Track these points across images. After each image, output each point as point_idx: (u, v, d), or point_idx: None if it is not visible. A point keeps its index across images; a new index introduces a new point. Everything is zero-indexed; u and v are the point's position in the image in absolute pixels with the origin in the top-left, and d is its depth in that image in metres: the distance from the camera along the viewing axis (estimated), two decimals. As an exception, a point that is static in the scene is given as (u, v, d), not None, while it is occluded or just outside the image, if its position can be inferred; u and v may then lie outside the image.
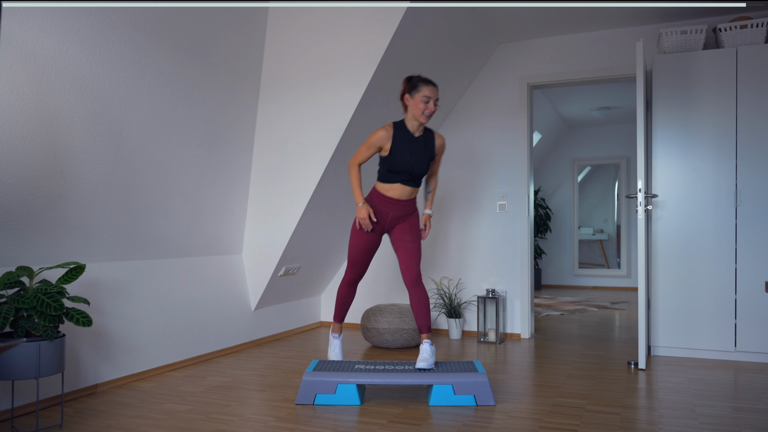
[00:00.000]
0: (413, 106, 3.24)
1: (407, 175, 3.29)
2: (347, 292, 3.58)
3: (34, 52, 2.73)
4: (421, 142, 3.30)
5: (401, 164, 3.25)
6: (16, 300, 2.57)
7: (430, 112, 3.23)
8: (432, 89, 3.23)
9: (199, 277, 4.16)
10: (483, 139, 5.18)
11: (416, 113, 3.23)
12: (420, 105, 3.22)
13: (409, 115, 3.27)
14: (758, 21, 4.11)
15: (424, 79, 3.26)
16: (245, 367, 3.96)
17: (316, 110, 4.16)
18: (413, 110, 3.24)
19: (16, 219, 2.84)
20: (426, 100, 3.21)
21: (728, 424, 2.78)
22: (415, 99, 3.22)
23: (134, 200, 3.47)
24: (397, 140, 3.25)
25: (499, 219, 5.11)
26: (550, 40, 4.97)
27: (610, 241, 9.19)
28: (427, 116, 3.24)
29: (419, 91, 3.22)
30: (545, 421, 2.83)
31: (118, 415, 2.94)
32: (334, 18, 3.98)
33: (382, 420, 2.85)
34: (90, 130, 3.09)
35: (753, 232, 4.07)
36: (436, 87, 3.25)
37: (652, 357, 4.22)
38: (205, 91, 3.77)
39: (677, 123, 4.26)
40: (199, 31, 3.58)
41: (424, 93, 3.21)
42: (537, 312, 6.47)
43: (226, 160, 4.12)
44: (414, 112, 3.24)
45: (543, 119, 7.76)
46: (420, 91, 3.21)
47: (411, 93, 3.24)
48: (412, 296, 3.32)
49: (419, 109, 3.22)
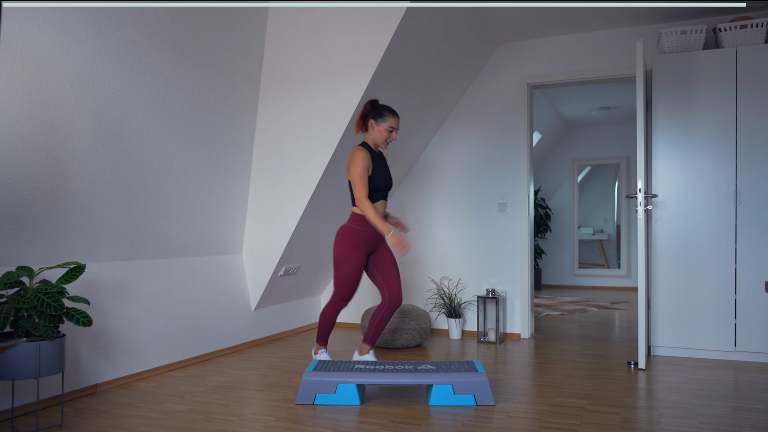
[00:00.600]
0: (377, 133, 3.50)
1: (384, 191, 3.54)
2: (335, 316, 3.66)
3: (34, 52, 2.73)
4: (383, 158, 3.61)
5: (382, 181, 3.49)
6: (16, 300, 2.58)
7: (391, 141, 3.55)
8: (397, 120, 3.51)
9: (199, 277, 4.16)
10: (483, 139, 5.17)
11: (379, 140, 3.51)
12: (384, 134, 3.49)
13: (370, 137, 3.54)
14: (758, 21, 4.11)
15: (390, 109, 3.51)
16: (245, 367, 3.96)
17: (317, 110, 4.16)
18: (376, 136, 3.50)
19: (16, 219, 2.84)
20: (390, 130, 3.50)
21: (728, 424, 2.78)
22: (381, 127, 3.50)
23: (134, 200, 3.47)
24: (374, 160, 3.50)
25: (499, 219, 5.11)
26: (550, 40, 4.97)
27: (610, 241, 9.19)
28: (387, 143, 3.53)
29: (386, 120, 3.48)
30: (545, 421, 2.83)
31: (118, 415, 2.94)
32: (334, 18, 3.98)
33: (382, 420, 2.85)
34: (90, 130, 3.09)
35: (753, 232, 4.07)
36: (399, 118, 3.53)
37: (652, 357, 4.22)
38: (205, 91, 3.77)
39: (677, 123, 4.26)
40: (199, 31, 3.58)
41: (390, 124, 3.49)
42: (537, 312, 6.47)
43: (226, 160, 4.12)
44: (376, 138, 3.51)
45: (543, 119, 7.76)
46: (386, 121, 3.48)
47: (377, 120, 3.51)
48: (387, 314, 3.58)
49: (382, 137, 3.50)
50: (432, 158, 5.36)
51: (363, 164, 3.38)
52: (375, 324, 3.60)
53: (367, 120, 3.53)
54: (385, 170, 3.55)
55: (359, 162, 3.37)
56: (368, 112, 3.53)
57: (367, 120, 3.53)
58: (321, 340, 3.69)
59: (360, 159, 3.38)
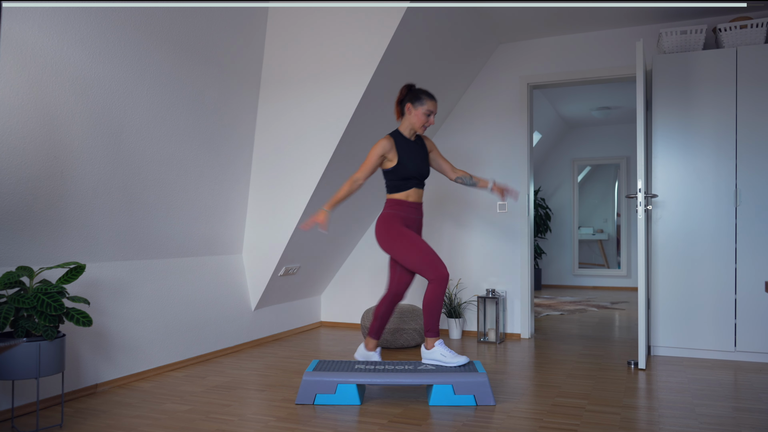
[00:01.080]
0: (415, 117, 3.33)
1: (418, 178, 3.37)
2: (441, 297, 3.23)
3: (34, 52, 2.73)
4: (418, 145, 3.42)
5: (412, 169, 3.33)
6: (17, 300, 2.58)
7: (428, 125, 3.37)
8: (435, 104, 3.35)
9: (199, 277, 4.16)
10: (483, 139, 5.17)
11: (416, 125, 3.35)
12: (422, 118, 3.33)
13: (406, 123, 3.38)
14: (758, 21, 4.11)
15: (428, 93, 3.37)
16: (245, 367, 3.96)
17: (317, 110, 4.16)
18: (414, 121, 3.34)
19: (16, 219, 2.84)
20: (428, 114, 3.34)
21: (728, 424, 2.78)
22: (418, 111, 3.32)
23: (134, 200, 3.47)
24: (401, 149, 3.33)
25: (499, 219, 5.11)
26: (550, 40, 4.97)
27: (610, 241, 9.19)
28: (425, 128, 3.37)
29: (423, 104, 3.32)
30: (545, 421, 2.83)
31: (118, 415, 2.94)
32: (334, 18, 3.98)
33: (382, 420, 2.85)
34: (90, 130, 3.09)
35: (753, 232, 4.07)
36: (437, 101, 3.34)
37: (652, 357, 4.22)
38: (205, 91, 3.77)
39: (677, 123, 4.26)
40: (199, 31, 3.58)
41: (428, 107, 3.33)
42: (537, 312, 6.47)
43: (226, 160, 4.12)
44: (414, 124, 3.35)
45: (543, 119, 7.75)
46: (424, 104, 3.32)
47: (414, 103, 3.33)
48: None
49: (420, 122, 3.34)
50: (432, 158, 5.35)
51: (378, 152, 3.27)
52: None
53: (404, 104, 3.36)
54: (419, 159, 3.36)
55: (376, 150, 3.27)
56: (404, 97, 3.37)
57: (403, 104, 3.37)
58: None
59: (378, 147, 3.27)
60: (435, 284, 3.19)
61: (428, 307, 3.21)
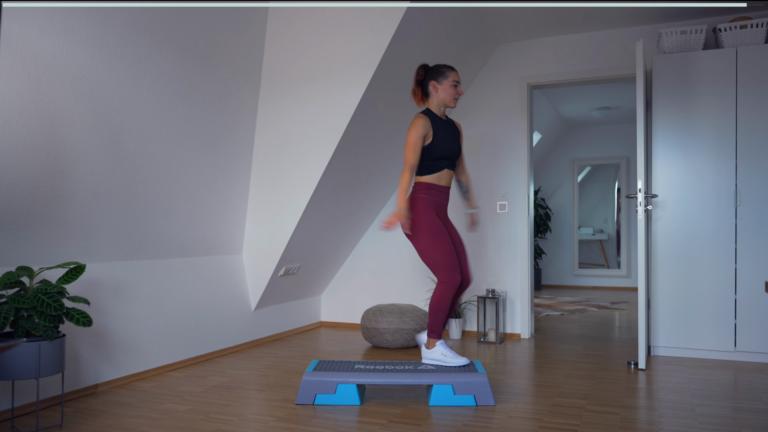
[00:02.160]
0: (444, 92, 3.24)
1: (449, 159, 3.26)
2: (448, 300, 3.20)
3: (34, 52, 2.73)
4: (449, 125, 3.33)
5: (445, 148, 3.21)
6: (16, 300, 2.58)
7: (459, 96, 3.28)
8: (458, 74, 3.27)
9: (199, 277, 4.16)
10: (483, 139, 5.17)
11: (447, 99, 3.25)
12: (451, 90, 3.24)
13: (435, 101, 3.27)
14: (758, 21, 4.11)
15: (447, 65, 3.28)
16: (245, 367, 3.96)
17: (317, 110, 4.16)
18: (443, 96, 3.25)
19: (16, 219, 2.84)
20: (455, 84, 3.26)
21: (728, 424, 2.78)
22: (444, 85, 3.24)
23: (134, 200, 3.47)
24: (436, 126, 3.22)
25: (499, 219, 5.11)
26: (550, 40, 4.97)
27: (610, 241, 9.19)
28: (456, 100, 3.27)
29: (447, 77, 3.24)
30: (545, 421, 2.83)
31: (118, 415, 2.94)
32: (334, 18, 3.98)
33: (382, 420, 2.85)
34: (90, 130, 3.09)
35: (753, 232, 4.07)
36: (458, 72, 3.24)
37: (652, 357, 4.22)
38: (205, 91, 3.77)
39: (677, 123, 4.26)
40: (199, 31, 3.58)
41: (453, 78, 3.25)
42: (537, 312, 6.47)
43: (226, 160, 4.12)
44: (444, 98, 3.25)
45: (543, 119, 7.76)
46: (448, 77, 3.24)
47: (438, 80, 3.24)
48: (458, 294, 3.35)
49: (450, 94, 3.25)
50: (432, 158, 5.35)
51: (420, 132, 3.13)
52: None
53: (426, 84, 3.26)
54: (451, 138, 3.25)
55: (416, 129, 3.13)
56: (424, 78, 3.27)
57: (425, 85, 3.26)
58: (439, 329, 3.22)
59: (418, 126, 3.13)
60: (444, 287, 3.15)
61: (433, 307, 3.19)
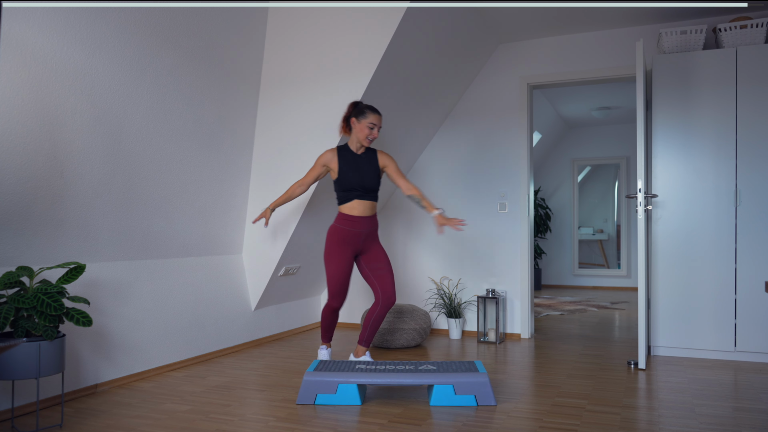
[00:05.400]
0: (358, 130, 3.55)
1: (360, 190, 3.57)
2: (334, 317, 3.75)
3: (34, 52, 2.73)
4: (365, 159, 3.63)
5: (351, 180, 3.54)
6: (16, 300, 2.57)
7: (372, 138, 3.56)
8: (378, 117, 3.55)
9: (199, 277, 4.16)
10: (483, 139, 5.18)
11: (361, 137, 3.56)
12: (365, 130, 3.54)
13: (353, 137, 3.60)
14: (758, 21, 4.11)
15: (371, 107, 3.59)
16: (245, 367, 3.96)
17: (317, 110, 4.16)
18: (358, 134, 3.56)
19: (16, 219, 2.84)
20: (371, 127, 3.53)
21: (728, 424, 2.78)
22: (362, 124, 3.54)
23: (134, 200, 3.47)
24: (343, 160, 3.58)
25: (499, 219, 5.11)
26: (550, 40, 4.97)
27: (610, 241, 9.19)
28: (369, 141, 3.57)
29: (366, 117, 3.54)
30: (545, 421, 2.83)
31: (118, 415, 2.94)
32: (334, 18, 3.98)
33: (382, 420, 2.85)
34: (90, 130, 3.09)
35: (753, 232, 4.07)
36: (380, 115, 3.58)
37: (652, 357, 4.22)
38: (205, 91, 3.77)
39: (677, 123, 4.26)
40: (199, 31, 3.58)
41: (371, 120, 3.54)
42: (537, 312, 6.47)
43: (226, 160, 4.12)
44: (359, 136, 3.56)
45: (543, 119, 7.76)
46: (367, 117, 3.54)
47: (358, 118, 3.55)
48: (380, 314, 3.64)
49: (364, 134, 3.54)
50: (432, 158, 5.35)
51: (319, 161, 3.62)
52: (369, 324, 3.67)
53: (349, 120, 3.60)
54: (363, 171, 3.57)
55: (319, 158, 3.62)
56: (350, 113, 3.61)
57: (349, 120, 3.61)
58: (325, 337, 3.82)
59: (320, 157, 3.62)
60: (325, 307, 3.70)
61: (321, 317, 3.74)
